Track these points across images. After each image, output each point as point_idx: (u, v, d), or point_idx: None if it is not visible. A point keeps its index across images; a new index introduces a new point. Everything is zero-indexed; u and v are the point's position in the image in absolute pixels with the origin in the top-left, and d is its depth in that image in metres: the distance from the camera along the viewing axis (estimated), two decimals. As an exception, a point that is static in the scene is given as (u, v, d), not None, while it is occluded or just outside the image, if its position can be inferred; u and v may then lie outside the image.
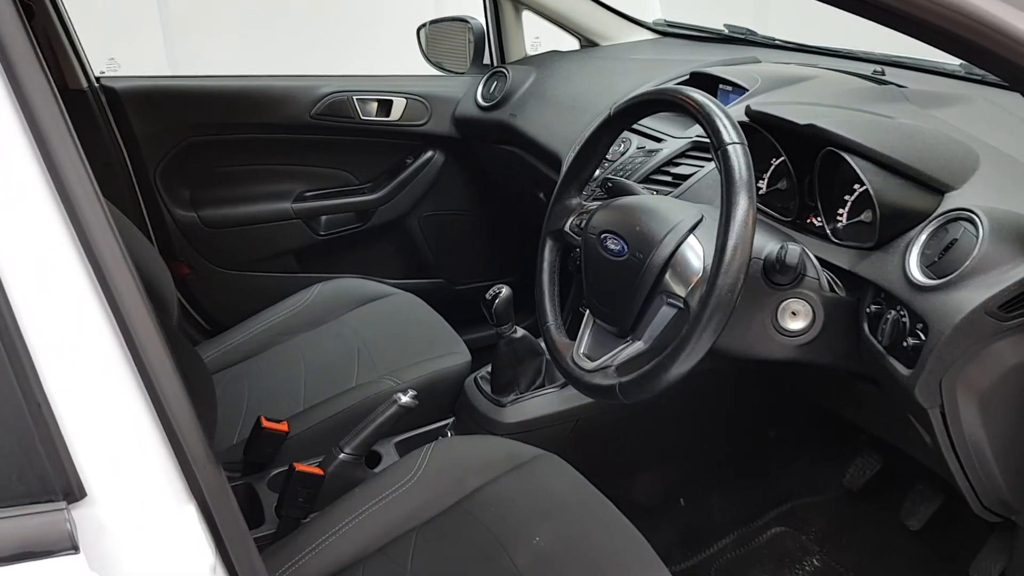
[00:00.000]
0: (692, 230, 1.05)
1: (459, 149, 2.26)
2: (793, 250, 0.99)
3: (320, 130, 2.14)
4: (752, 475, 1.72)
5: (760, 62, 1.76)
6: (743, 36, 2.02)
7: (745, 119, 1.23)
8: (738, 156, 0.96)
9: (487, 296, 1.50)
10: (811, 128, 1.12)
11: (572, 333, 1.22)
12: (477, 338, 2.39)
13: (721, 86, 1.62)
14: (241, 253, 2.19)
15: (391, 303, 1.93)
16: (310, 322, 1.86)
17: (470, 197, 2.35)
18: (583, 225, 1.20)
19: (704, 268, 1.01)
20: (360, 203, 2.25)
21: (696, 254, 1.03)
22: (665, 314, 1.06)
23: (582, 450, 1.54)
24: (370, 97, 2.15)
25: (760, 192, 1.31)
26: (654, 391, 1.00)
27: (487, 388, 1.59)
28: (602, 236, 1.13)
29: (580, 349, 1.16)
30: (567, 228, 1.24)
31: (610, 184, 1.32)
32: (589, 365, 1.13)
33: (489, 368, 1.63)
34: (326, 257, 2.29)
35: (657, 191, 1.40)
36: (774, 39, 1.98)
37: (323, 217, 2.25)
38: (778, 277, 1.04)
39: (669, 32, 2.21)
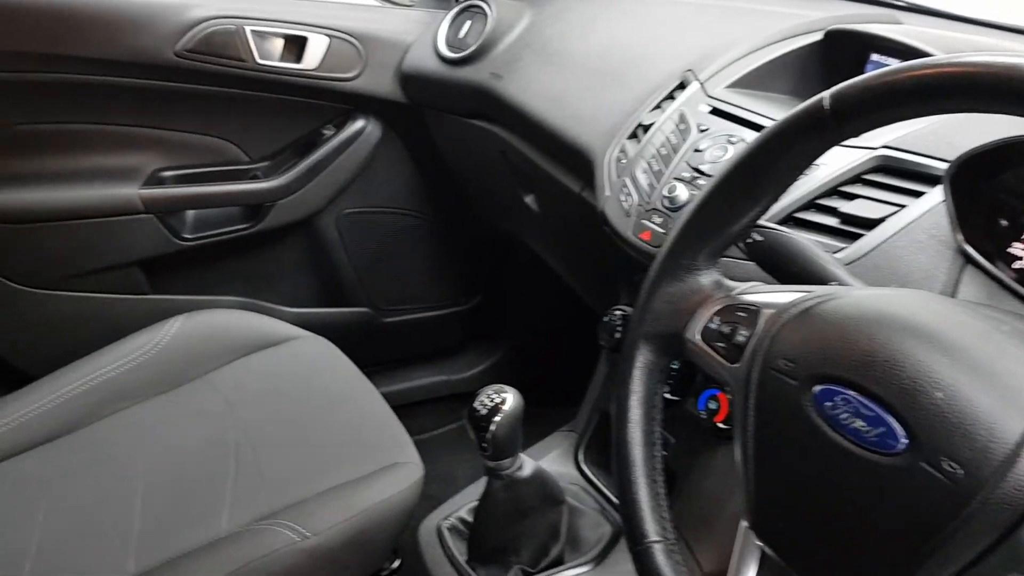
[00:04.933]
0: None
1: (404, 119, 1.63)
2: None
3: (190, 76, 1.47)
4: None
5: (902, 24, 1.18)
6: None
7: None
8: None
9: (476, 408, 0.89)
10: None
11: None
12: (417, 388, 1.86)
13: (876, 56, 1.03)
14: (56, 262, 1.52)
15: (291, 354, 1.34)
16: (160, 380, 1.28)
17: (416, 190, 1.72)
18: (744, 342, 0.59)
19: None
20: (249, 192, 1.59)
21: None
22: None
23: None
24: (273, 29, 1.48)
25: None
26: None
27: (460, 552, 0.98)
28: (817, 391, 0.52)
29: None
30: (694, 336, 0.63)
31: (755, 238, 0.70)
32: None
33: (465, 511, 1.02)
34: (192, 273, 1.63)
35: (825, 247, 0.79)
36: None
37: (189, 212, 1.59)
38: None
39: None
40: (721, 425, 0.86)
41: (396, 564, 1.23)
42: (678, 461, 0.98)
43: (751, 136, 0.91)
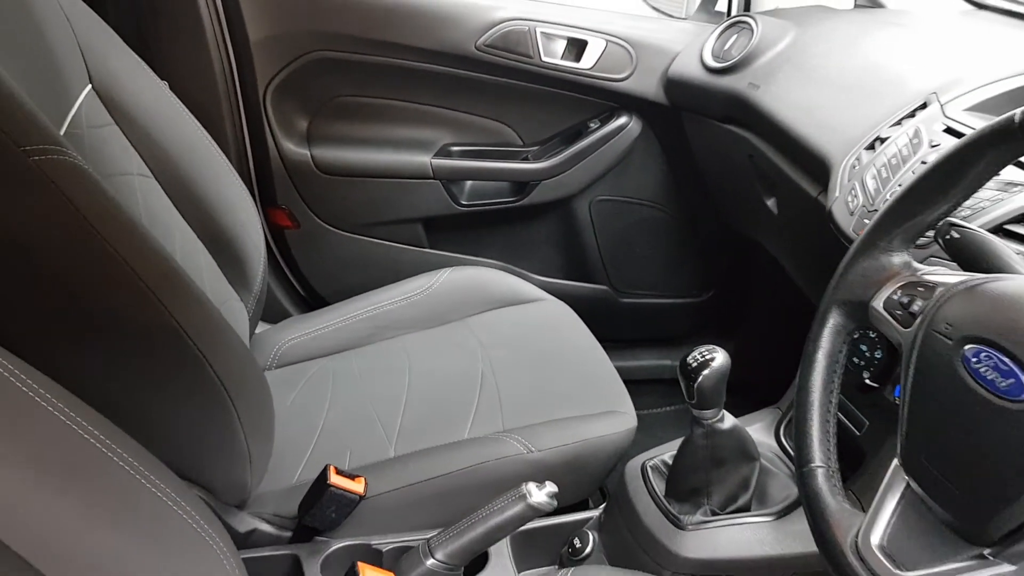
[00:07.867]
0: None
1: (664, 120, 1.80)
2: None
3: (485, 67, 1.72)
4: None
5: None
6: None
7: None
8: None
9: (689, 361, 1.04)
10: None
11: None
12: (641, 367, 2.02)
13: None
14: (357, 210, 1.83)
15: (536, 312, 1.55)
16: (427, 317, 1.53)
17: (665, 185, 1.88)
18: (918, 311, 0.72)
19: None
20: (519, 171, 1.83)
21: None
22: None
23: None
24: (559, 32, 1.71)
25: None
26: None
27: (659, 488, 1.14)
28: (967, 349, 0.64)
29: (874, 535, 0.69)
30: (878, 305, 0.76)
31: (953, 235, 0.82)
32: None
33: (668, 456, 1.18)
34: (463, 234, 1.90)
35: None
36: None
37: (468, 182, 1.85)
38: None
39: (985, 4, 1.64)
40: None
41: (602, 507, 1.41)
42: (869, 442, 1.08)
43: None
